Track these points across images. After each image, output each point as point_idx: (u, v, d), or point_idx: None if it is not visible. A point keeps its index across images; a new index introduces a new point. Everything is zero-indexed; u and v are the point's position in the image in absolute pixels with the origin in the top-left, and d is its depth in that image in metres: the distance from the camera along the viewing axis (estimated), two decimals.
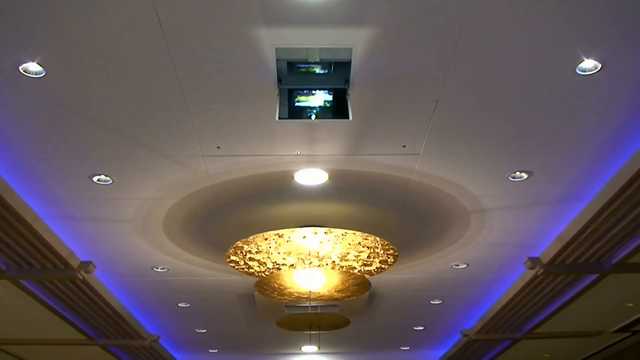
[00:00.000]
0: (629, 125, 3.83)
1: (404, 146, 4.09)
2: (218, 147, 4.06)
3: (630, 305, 6.99)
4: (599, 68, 3.28)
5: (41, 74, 3.26)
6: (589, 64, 3.25)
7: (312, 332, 6.79)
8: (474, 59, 3.22)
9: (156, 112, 3.65)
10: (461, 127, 3.86)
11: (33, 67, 3.21)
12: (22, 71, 3.23)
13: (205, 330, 8.59)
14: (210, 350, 9.93)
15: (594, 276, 5.92)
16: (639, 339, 8.07)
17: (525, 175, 4.46)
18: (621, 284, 6.28)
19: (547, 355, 9.39)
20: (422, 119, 3.78)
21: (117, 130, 3.82)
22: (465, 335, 8.21)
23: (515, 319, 7.31)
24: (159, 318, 7.88)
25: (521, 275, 6.21)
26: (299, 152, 4.16)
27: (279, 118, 3.36)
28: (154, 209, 4.94)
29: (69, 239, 5.40)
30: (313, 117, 3.39)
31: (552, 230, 5.38)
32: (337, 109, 3.36)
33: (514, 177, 4.48)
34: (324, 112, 3.37)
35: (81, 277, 5.71)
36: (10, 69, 3.21)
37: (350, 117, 3.34)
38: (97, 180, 4.43)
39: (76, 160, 4.17)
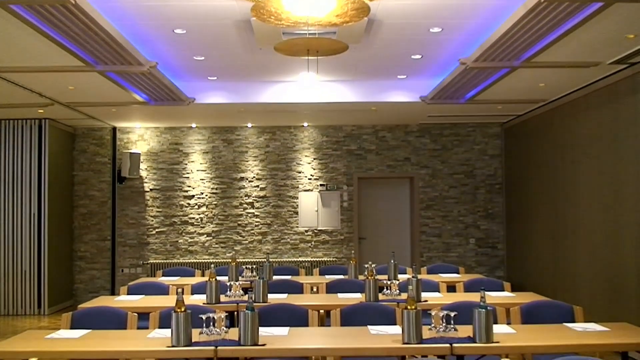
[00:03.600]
0: None
1: None
2: None
3: (631, 36, 6.92)
4: None
5: None
6: None
7: (309, 58, 6.77)
8: None
9: None
10: None
11: None
12: None
13: (203, 58, 8.60)
14: (209, 78, 10.07)
15: (599, 4, 5.77)
16: (635, 70, 8.11)
17: None
18: (625, 15, 6.14)
19: (543, 84, 9.53)
20: None
21: None
22: (462, 64, 8.24)
23: (514, 48, 7.28)
24: (156, 45, 7.84)
25: (524, 3, 6.04)
26: None
27: None
28: None
29: None
30: None
31: None
32: None
33: None
34: None
35: (73, 2, 5.56)
36: None
37: None
38: None
39: None
